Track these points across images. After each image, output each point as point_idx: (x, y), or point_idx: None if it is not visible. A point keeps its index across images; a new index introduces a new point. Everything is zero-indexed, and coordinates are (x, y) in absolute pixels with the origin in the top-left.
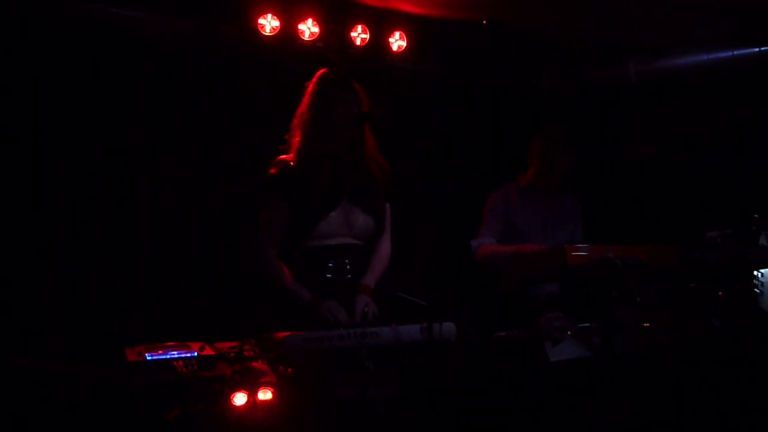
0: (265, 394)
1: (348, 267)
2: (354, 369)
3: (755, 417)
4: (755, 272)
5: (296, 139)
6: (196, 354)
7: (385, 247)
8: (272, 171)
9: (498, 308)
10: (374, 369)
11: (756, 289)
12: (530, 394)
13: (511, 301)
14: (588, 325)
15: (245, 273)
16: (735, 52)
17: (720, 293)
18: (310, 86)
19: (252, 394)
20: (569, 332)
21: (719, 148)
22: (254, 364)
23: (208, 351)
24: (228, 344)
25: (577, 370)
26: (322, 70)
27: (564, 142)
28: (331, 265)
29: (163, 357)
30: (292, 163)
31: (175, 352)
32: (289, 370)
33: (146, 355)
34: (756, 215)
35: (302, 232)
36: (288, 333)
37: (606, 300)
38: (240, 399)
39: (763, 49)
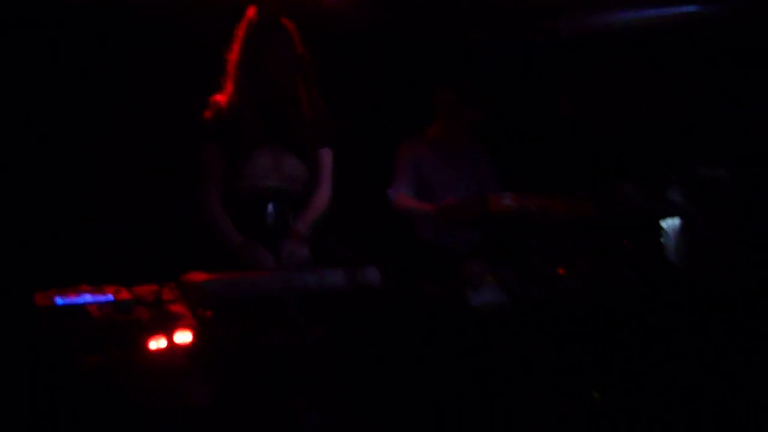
0: (183, 338)
1: (280, 212)
2: (278, 314)
3: (657, 361)
4: (662, 224)
5: (228, 84)
6: (111, 298)
7: (321, 195)
8: (206, 114)
9: (420, 257)
10: (299, 315)
11: (663, 240)
12: (451, 338)
13: (432, 249)
14: (507, 271)
15: (170, 215)
16: (667, 10)
17: (631, 244)
18: (239, 29)
19: (170, 338)
20: (489, 278)
21: (637, 105)
22: (173, 307)
23: (125, 295)
24: (146, 288)
25: (496, 314)
26: (251, 10)
27: (467, 95)
28: (261, 209)
29: (76, 301)
30: (224, 106)
31: (89, 296)
32: (209, 313)
33: (57, 299)
34: (667, 170)
35: (232, 174)
36: (208, 276)
37: (524, 248)
38: (157, 343)
39: (692, 8)
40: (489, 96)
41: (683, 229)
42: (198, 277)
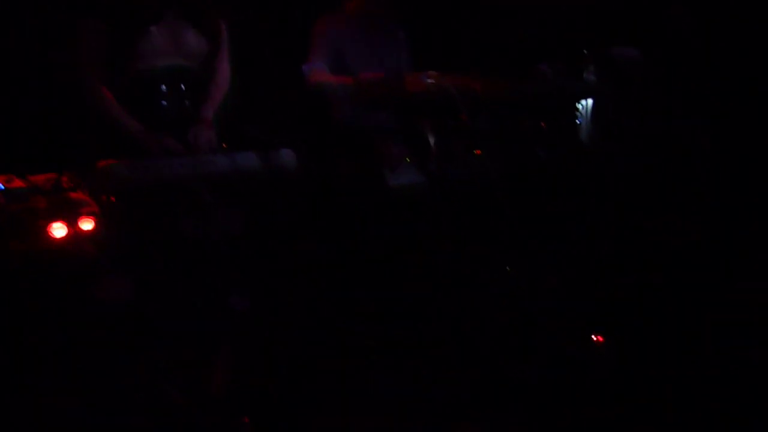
0: (86, 224)
1: (183, 93)
2: (189, 200)
3: (568, 235)
4: (577, 105)
5: None
6: (2, 187)
7: (222, 71)
8: None
9: (336, 138)
10: (213, 202)
11: (577, 121)
12: (370, 220)
13: (349, 130)
14: (424, 152)
15: (61, 101)
16: None
17: (546, 124)
18: None
19: (72, 225)
20: (407, 159)
21: None
22: (73, 195)
23: (18, 183)
24: (43, 177)
25: (414, 195)
26: None
27: None
28: (163, 89)
29: None
30: None
31: None
32: (113, 198)
33: None
34: (584, 50)
35: (124, 53)
36: (111, 161)
37: (441, 128)
38: (59, 231)
39: None
40: None
41: (595, 109)
42: (101, 162)
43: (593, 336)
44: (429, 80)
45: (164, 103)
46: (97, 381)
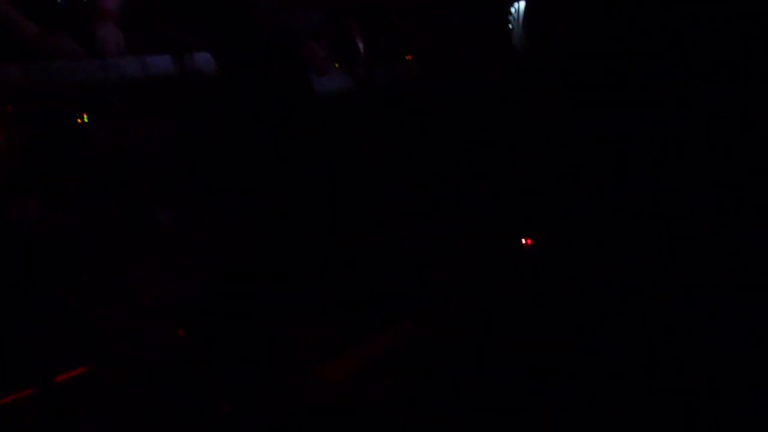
0: None
1: None
2: (96, 107)
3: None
4: (510, 8)
5: None
6: None
7: None
8: None
9: (258, 39)
10: (123, 109)
11: (510, 25)
12: (296, 129)
13: (272, 30)
14: (353, 56)
15: None
16: None
17: (479, 28)
18: None
19: None
20: (336, 64)
21: None
22: None
23: None
24: None
25: (343, 102)
26: None
27: None
28: None
29: None
30: None
31: None
32: (9, 108)
33: None
34: None
35: None
36: (5, 64)
37: (370, 31)
38: None
39: None
40: None
41: (526, 12)
42: None
43: (522, 239)
44: None
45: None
46: (16, 302)
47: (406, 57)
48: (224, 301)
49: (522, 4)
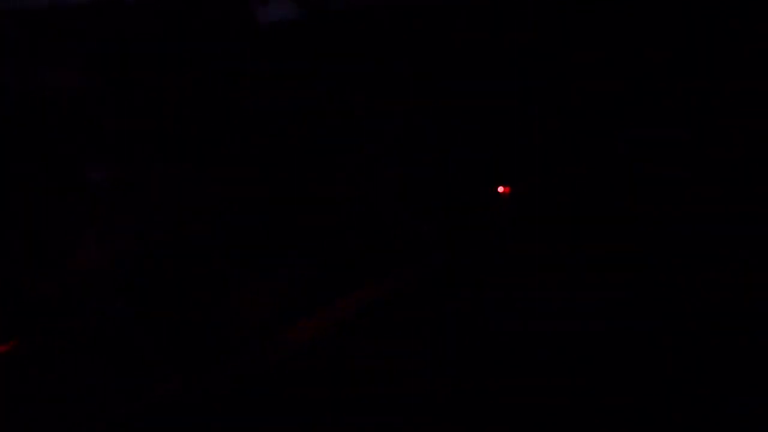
0: None
1: None
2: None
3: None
4: None
5: None
6: None
7: None
8: None
9: None
10: (27, 46)
11: None
12: (234, 60)
13: None
14: None
15: None
16: None
17: None
18: None
19: None
20: None
21: None
22: None
23: None
24: None
25: (290, 33)
26: None
27: None
28: None
29: None
30: None
31: None
32: None
33: None
34: None
35: None
36: None
37: None
38: None
39: None
40: None
41: None
42: None
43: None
44: None
45: None
46: None
47: None
48: (175, 264)
49: None
